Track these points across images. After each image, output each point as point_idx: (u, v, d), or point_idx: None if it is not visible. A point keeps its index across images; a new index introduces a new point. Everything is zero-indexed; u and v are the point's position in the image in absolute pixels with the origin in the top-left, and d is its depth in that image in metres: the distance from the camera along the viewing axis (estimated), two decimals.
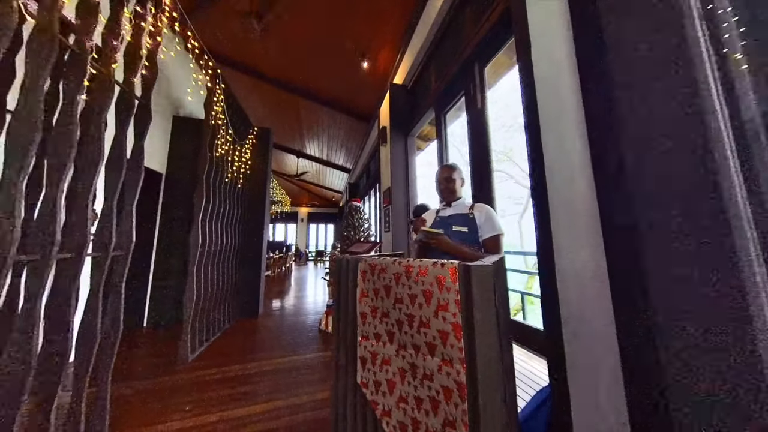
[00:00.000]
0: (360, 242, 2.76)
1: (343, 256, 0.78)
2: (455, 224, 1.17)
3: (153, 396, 1.61)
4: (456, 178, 1.23)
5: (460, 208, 1.22)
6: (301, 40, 3.18)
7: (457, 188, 1.24)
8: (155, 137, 3.06)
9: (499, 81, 1.80)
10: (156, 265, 3.11)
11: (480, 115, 1.56)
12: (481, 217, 1.14)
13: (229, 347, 2.40)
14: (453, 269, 0.55)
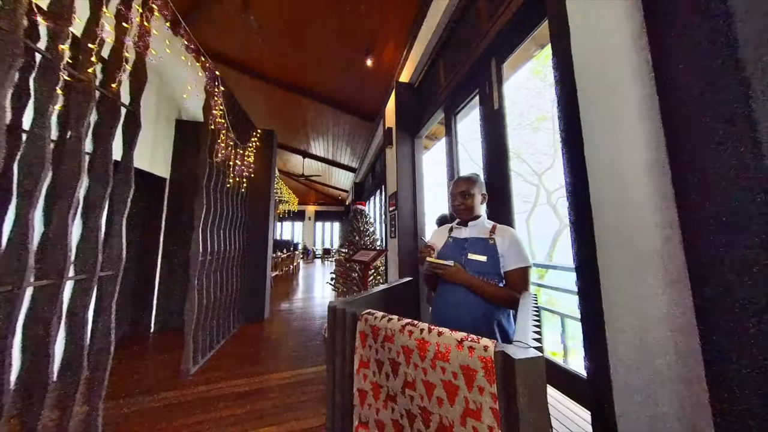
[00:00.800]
0: (365, 249, 2.62)
1: (335, 302, 0.62)
2: (472, 251, 0.95)
3: (151, 417, 1.52)
4: (475, 192, 0.98)
5: (479, 230, 0.99)
6: (301, 36, 3.00)
7: (475, 205, 0.98)
8: (159, 142, 2.96)
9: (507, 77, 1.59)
10: (162, 269, 3.05)
11: (497, 115, 1.36)
12: (504, 243, 0.91)
13: (233, 358, 2.32)
14: (487, 362, 0.38)
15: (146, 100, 2.76)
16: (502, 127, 1.33)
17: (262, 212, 3.55)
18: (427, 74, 2.38)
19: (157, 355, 2.39)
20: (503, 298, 0.86)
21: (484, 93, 1.49)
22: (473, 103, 1.85)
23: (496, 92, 1.39)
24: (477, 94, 1.60)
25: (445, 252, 1.02)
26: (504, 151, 1.31)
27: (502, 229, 0.96)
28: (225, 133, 2.60)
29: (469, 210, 0.99)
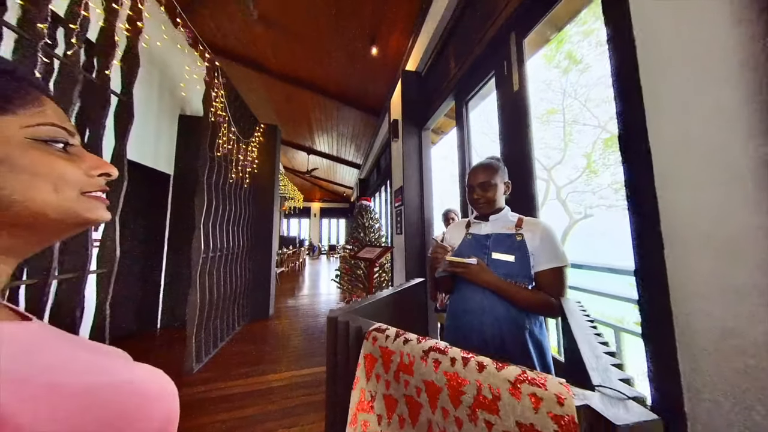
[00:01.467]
0: (370, 246, 2.51)
1: (336, 311, 0.50)
2: (496, 249, 0.79)
3: None
4: (497, 182, 0.82)
5: (502, 224, 0.83)
6: (304, 25, 2.86)
7: (498, 196, 0.82)
8: (162, 138, 2.89)
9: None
10: (167, 266, 3.01)
11: (518, 98, 1.20)
12: (534, 238, 0.75)
13: (236, 356, 2.25)
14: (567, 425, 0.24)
15: (149, 95, 2.70)
16: (524, 110, 1.17)
17: (267, 209, 3.47)
18: (435, 60, 2.21)
19: (162, 352, 2.34)
20: (538, 304, 0.71)
21: (501, 74, 1.33)
22: (485, 91, 1.69)
23: (516, 72, 1.23)
24: (492, 76, 1.44)
25: (464, 251, 0.86)
26: (526, 138, 1.15)
27: (531, 223, 0.80)
28: (226, 127, 2.50)
29: (490, 203, 0.82)
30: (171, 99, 3.00)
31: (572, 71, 6.20)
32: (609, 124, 6.29)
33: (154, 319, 2.91)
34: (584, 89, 6.61)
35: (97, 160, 0.26)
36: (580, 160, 7.14)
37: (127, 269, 2.66)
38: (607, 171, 6.15)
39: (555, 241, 0.75)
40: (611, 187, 6.26)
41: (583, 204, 7.17)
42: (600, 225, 7.05)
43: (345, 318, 0.46)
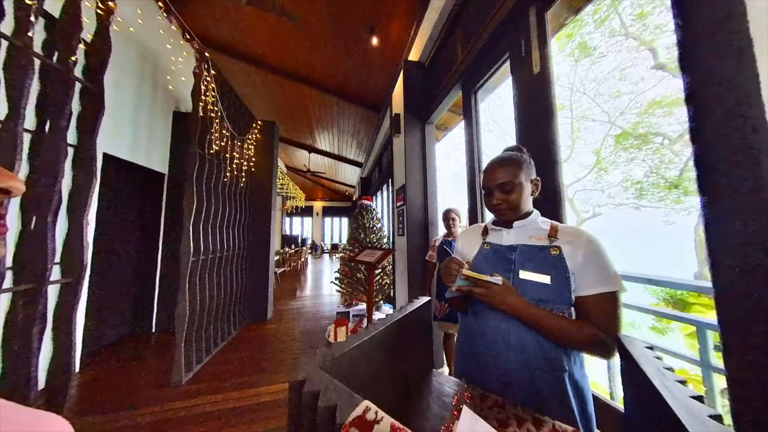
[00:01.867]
0: (371, 248, 2.34)
1: (305, 366, 0.34)
2: (525, 266, 0.60)
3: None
4: (522, 180, 0.62)
5: (531, 232, 0.64)
6: (300, 14, 2.68)
7: (523, 199, 0.63)
8: (156, 135, 2.76)
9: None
10: (162, 268, 2.89)
11: (539, 82, 1.02)
12: (575, 254, 0.56)
13: (230, 364, 2.11)
14: None
15: (140, 90, 2.57)
16: (547, 96, 0.99)
17: (265, 208, 3.33)
18: (440, 47, 2.03)
19: (153, 358, 2.22)
20: (584, 340, 0.52)
21: (518, 56, 1.15)
22: (492, 84, 1.50)
23: (536, 51, 1.04)
24: (507, 59, 1.25)
25: (481, 266, 0.66)
26: (549, 129, 0.97)
27: (569, 233, 0.60)
28: (219, 122, 2.35)
29: (514, 208, 0.63)
30: (165, 95, 2.86)
31: (582, 64, 5.92)
32: (619, 119, 6.02)
33: (149, 323, 2.79)
34: (593, 84, 6.33)
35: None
36: (587, 158, 6.87)
37: (120, 271, 2.54)
38: (617, 169, 5.88)
39: (604, 257, 0.55)
40: (621, 185, 5.99)
41: (590, 203, 6.91)
42: (609, 224, 6.78)
43: (315, 386, 0.30)
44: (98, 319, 2.29)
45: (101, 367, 2.05)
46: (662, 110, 4.96)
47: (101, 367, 2.04)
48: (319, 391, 0.29)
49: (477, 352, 0.63)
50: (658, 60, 4.63)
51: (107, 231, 2.34)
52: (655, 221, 5.57)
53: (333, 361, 0.38)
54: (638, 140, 5.02)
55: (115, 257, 2.47)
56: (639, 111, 5.24)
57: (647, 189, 4.93)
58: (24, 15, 0.93)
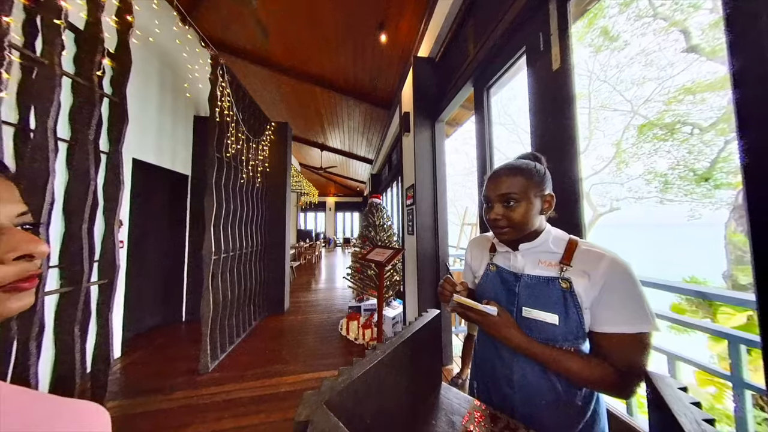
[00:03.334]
0: (381, 247, 2.32)
1: (308, 400, 0.33)
2: (529, 302, 0.51)
3: (157, 421, 1.41)
4: (531, 195, 0.51)
5: (539, 256, 0.53)
6: (309, 16, 2.62)
7: (530, 217, 0.51)
8: (178, 139, 2.85)
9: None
10: (189, 262, 3.04)
11: (558, 79, 0.92)
12: (593, 285, 0.46)
13: (251, 354, 2.21)
14: None
15: (163, 98, 2.64)
16: (567, 95, 0.89)
17: (280, 207, 3.39)
18: (451, 42, 1.91)
19: (183, 345, 2.36)
20: (592, 381, 0.44)
21: (535, 50, 1.04)
22: (505, 78, 1.39)
23: (556, 46, 0.94)
24: (523, 54, 1.14)
25: (485, 290, 0.59)
26: (569, 131, 0.88)
27: (588, 259, 0.47)
28: (234, 126, 2.38)
29: (516, 227, 0.51)
30: (185, 100, 2.93)
31: (604, 51, 5.42)
32: (642, 108, 5.51)
33: (179, 313, 2.97)
34: (615, 71, 5.80)
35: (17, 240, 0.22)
36: (606, 150, 6.40)
37: (153, 265, 2.70)
38: (639, 161, 5.43)
39: (631, 288, 0.43)
40: (643, 177, 5.54)
41: (608, 197, 6.48)
42: (627, 219, 6.35)
43: (319, 431, 0.28)
44: (136, 309, 2.45)
45: (138, 352, 2.21)
46: (693, 97, 4.48)
47: (138, 353, 2.20)
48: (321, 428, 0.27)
49: (488, 378, 0.58)
50: (690, 42, 4.14)
51: (140, 230, 2.47)
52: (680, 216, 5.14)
53: (338, 393, 0.35)
54: (664, 130, 4.57)
55: (147, 253, 2.62)
56: (666, 99, 4.76)
57: (672, 182, 4.52)
58: (53, 34, 0.96)
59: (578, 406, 0.48)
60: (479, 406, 0.57)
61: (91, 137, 1.09)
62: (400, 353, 0.51)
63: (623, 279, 0.44)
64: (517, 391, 0.52)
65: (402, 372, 0.51)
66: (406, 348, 0.53)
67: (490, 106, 1.46)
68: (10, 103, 1.05)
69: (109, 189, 1.21)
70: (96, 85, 1.10)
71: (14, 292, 0.21)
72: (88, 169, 1.08)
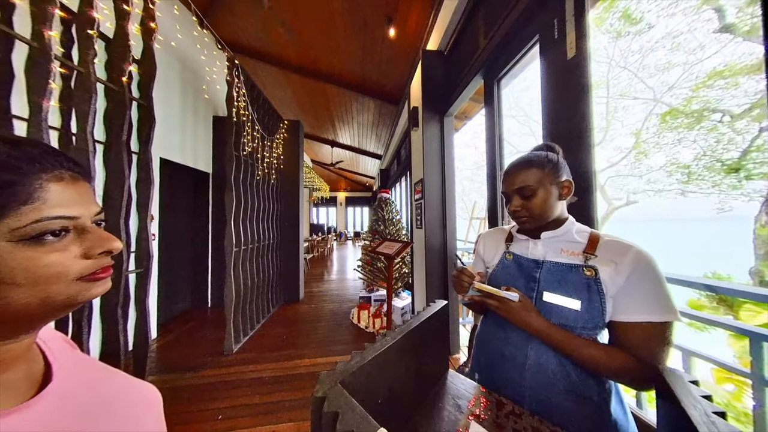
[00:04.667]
0: (390, 240, 2.34)
1: (324, 380, 0.35)
2: (551, 287, 0.51)
3: (188, 396, 1.54)
4: (546, 184, 0.51)
5: (563, 244, 0.53)
6: (317, 13, 2.59)
7: (549, 206, 0.52)
8: (200, 139, 2.96)
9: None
10: (213, 253, 3.21)
11: (574, 68, 0.87)
12: (618, 274, 0.45)
13: (270, 338, 2.33)
14: None
15: (185, 99, 2.74)
16: (583, 85, 0.84)
17: (293, 201, 3.47)
18: (460, 34, 1.83)
19: (209, 329, 2.53)
20: (612, 370, 0.44)
21: (549, 39, 0.98)
22: (517, 69, 1.32)
23: (572, 33, 0.88)
24: (536, 43, 1.09)
25: (500, 278, 0.59)
26: (584, 123, 0.83)
27: (614, 250, 0.47)
28: (250, 125, 2.44)
29: (536, 216, 0.53)
30: (204, 101, 3.03)
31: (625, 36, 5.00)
32: (666, 95, 5.08)
33: (205, 299, 3.17)
34: (637, 56, 5.35)
35: (99, 238, 0.25)
36: (624, 140, 5.99)
37: (181, 256, 2.87)
38: (660, 152, 5.05)
39: (656, 279, 0.43)
40: (664, 169, 5.17)
41: (625, 189, 6.11)
42: (645, 212, 5.99)
43: (334, 406, 0.30)
44: (168, 295, 2.64)
45: (171, 334, 2.40)
46: (724, 81, 4.07)
47: (171, 335, 2.38)
48: (338, 412, 0.29)
49: (495, 365, 0.57)
50: (724, 21, 3.72)
51: (169, 223, 2.63)
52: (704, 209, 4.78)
53: (352, 374, 0.37)
54: (689, 118, 4.21)
55: (176, 245, 2.78)
56: (693, 84, 4.35)
57: (697, 173, 4.19)
58: (87, 44, 1.01)
59: (593, 401, 0.47)
60: (485, 392, 0.58)
61: (124, 138, 1.16)
62: (409, 340, 0.52)
63: (649, 269, 0.44)
64: (528, 378, 0.51)
65: (411, 358, 0.53)
66: (415, 336, 0.54)
67: (501, 99, 1.40)
68: (54, 109, 1.14)
69: (141, 186, 1.29)
70: (126, 90, 1.16)
71: (96, 282, 0.24)
72: (123, 168, 1.16)
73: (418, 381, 0.55)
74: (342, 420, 0.28)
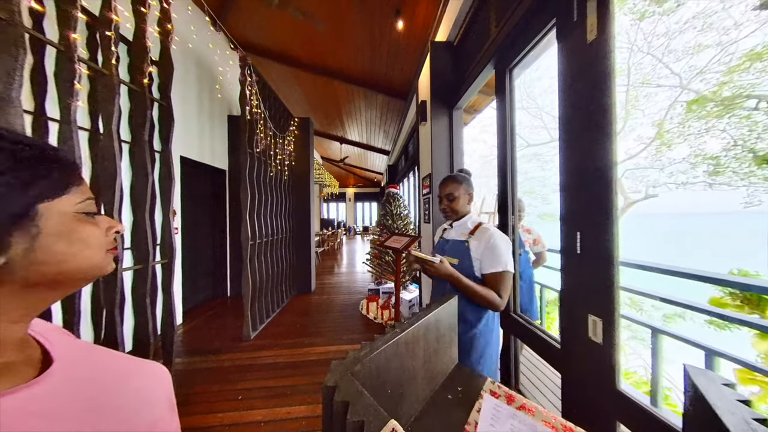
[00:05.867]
0: (398, 235, 2.32)
1: (337, 367, 0.35)
2: (450, 253, 0.90)
3: (211, 377, 1.62)
4: (461, 194, 0.90)
5: (461, 230, 0.92)
6: (325, 7, 2.54)
7: (460, 206, 0.91)
8: (215, 137, 3.03)
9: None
10: (231, 245, 3.33)
11: (595, 52, 0.80)
12: (478, 246, 0.83)
13: (284, 326, 2.41)
14: None
15: (200, 100, 2.80)
16: (605, 70, 0.76)
17: (304, 197, 3.52)
18: (471, 23, 1.74)
19: (229, 316, 2.65)
20: (482, 297, 0.79)
21: (567, 22, 0.91)
22: (530, 58, 1.23)
23: (593, 13, 0.81)
24: (553, 26, 1.01)
25: (437, 251, 0.99)
26: (605, 112, 0.77)
27: (481, 231, 0.86)
28: (263, 123, 2.46)
29: (453, 212, 0.92)
30: (219, 101, 3.08)
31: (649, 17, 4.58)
32: (694, 82, 4.65)
33: (224, 289, 3.31)
34: (662, 39, 4.89)
35: (109, 220, 0.29)
36: (644, 131, 5.58)
37: (202, 248, 3.00)
38: (685, 142, 4.67)
39: (496, 249, 0.80)
40: (687, 161, 4.79)
41: (643, 182, 5.73)
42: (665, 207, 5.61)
43: (345, 396, 0.30)
44: (190, 285, 2.77)
45: (195, 321, 2.53)
46: (762, 64, 3.66)
47: (195, 321, 2.52)
48: (348, 402, 0.29)
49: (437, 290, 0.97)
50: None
51: (189, 218, 2.74)
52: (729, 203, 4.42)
53: (363, 365, 0.37)
54: (720, 106, 3.84)
55: (196, 238, 2.91)
56: (726, 68, 3.94)
57: (726, 165, 3.85)
58: (108, 46, 1.04)
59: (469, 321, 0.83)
60: (494, 385, 0.57)
61: (146, 137, 1.20)
62: (418, 333, 0.51)
63: (494, 245, 0.81)
64: None
65: (420, 350, 0.52)
66: (424, 328, 0.53)
67: (513, 89, 1.33)
68: (84, 111, 1.19)
69: (164, 183, 1.34)
70: (147, 91, 1.20)
71: (112, 255, 0.29)
72: (146, 166, 1.20)
73: (427, 373, 0.54)
74: (353, 410, 0.28)
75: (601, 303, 0.76)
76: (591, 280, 0.79)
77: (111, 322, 1.04)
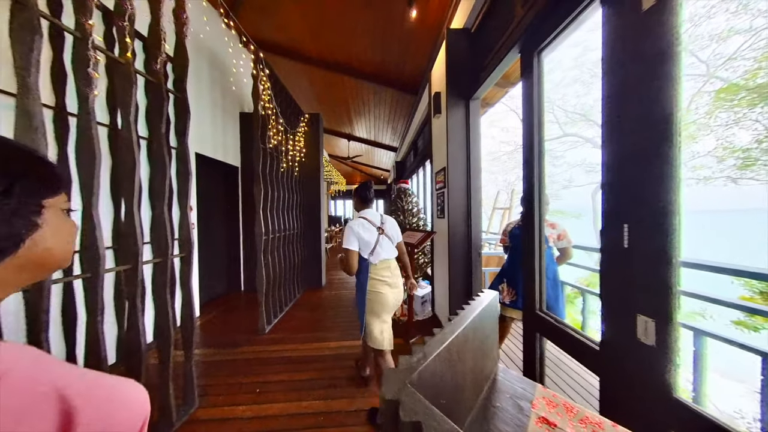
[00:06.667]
0: (412, 230, 2.26)
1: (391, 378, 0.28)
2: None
3: (228, 369, 1.62)
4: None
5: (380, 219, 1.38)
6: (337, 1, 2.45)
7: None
8: (228, 134, 3.02)
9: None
10: (244, 241, 3.34)
11: (651, 22, 0.69)
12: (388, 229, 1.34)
13: (297, 321, 2.40)
14: None
15: (213, 96, 2.78)
16: (664, 46, 0.65)
17: (314, 193, 3.49)
18: (491, 6, 1.63)
19: (243, 310, 2.66)
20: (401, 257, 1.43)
21: None
22: (565, 34, 1.11)
23: None
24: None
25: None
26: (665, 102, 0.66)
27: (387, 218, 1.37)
28: (274, 119, 2.42)
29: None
30: (232, 97, 3.06)
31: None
32: (721, 70, 4.31)
33: (238, 284, 3.34)
34: (687, 25, 4.55)
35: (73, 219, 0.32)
36: None
37: (217, 244, 3.02)
38: (710, 134, 4.36)
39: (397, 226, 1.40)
40: (712, 154, 4.48)
41: None
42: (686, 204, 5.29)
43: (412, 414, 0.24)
44: (207, 279, 2.80)
45: (211, 314, 2.55)
46: None
47: (211, 315, 2.54)
48: (421, 424, 0.23)
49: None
50: None
51: (205, 213, 2.75)
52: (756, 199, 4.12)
53: (420, 374, 0.31)
54: (753, 94, 3.54)
55: (212, 233, 2.92)
56: (761, 54, 3.63)
57: (757, 158, 3.57)
58: (123, 35, 1.01)
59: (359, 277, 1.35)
60: (548, 392, 0.50)
61: (163, 131, 1.17)
62: (466, 334, 0.45)
63: (395, 225, 1.39)
64: None
65: (467, 352, 0.46)
66: (470, 329, 0.47)
67: (542, 73, 1.22)
68: (103, 106, 1.17)
69: (181, 178, 1.31)
70: (163, 83, 1.16)
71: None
72: (164, 160, 1.17)
73: (474, 378, 0.48)
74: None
75: (654, 302, 0.67)
76: (642, 277, 0.70)
77: (134, 312, 1.02)
